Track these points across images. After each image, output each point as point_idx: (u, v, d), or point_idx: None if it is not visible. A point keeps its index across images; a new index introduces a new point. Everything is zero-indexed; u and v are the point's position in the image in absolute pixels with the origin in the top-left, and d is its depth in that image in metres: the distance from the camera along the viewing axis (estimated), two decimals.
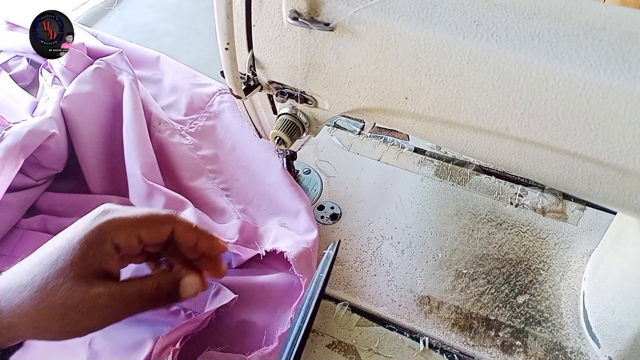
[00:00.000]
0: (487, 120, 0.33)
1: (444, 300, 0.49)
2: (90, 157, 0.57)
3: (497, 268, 0.51)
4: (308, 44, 0.36)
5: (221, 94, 0.67)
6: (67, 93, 0.57)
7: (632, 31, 0.29)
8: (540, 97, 0.30)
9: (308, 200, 0.55)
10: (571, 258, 0.52)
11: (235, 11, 0.36)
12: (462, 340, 0.46)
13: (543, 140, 0.32)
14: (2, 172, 0.49)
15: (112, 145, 0.58)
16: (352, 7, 0.33)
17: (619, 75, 0.28)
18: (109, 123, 0.58)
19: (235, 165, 0.60)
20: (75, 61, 0.60)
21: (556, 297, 0.49)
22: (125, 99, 0.58)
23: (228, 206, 0.56)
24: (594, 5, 0.31)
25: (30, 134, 0.52)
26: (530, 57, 0.30)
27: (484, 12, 0.31)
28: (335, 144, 0.64)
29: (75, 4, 0.85)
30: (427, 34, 0.32)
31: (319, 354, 0.46)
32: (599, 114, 0.29)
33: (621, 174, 0.31)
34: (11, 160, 0.50)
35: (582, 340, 0.46)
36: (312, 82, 0.39)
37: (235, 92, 0.40)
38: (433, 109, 0.35)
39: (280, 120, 0.44)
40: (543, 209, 0.56)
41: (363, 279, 0.51)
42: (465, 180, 0.59)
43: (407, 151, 0.63)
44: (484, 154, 0.36)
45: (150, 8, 0.86)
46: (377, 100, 0.37)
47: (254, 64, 0.41)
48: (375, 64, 0.35)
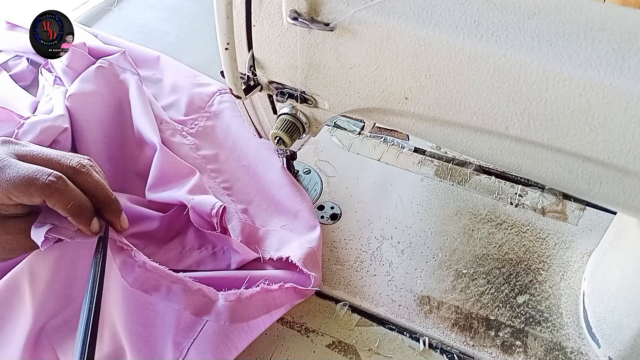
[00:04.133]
0: (487, 120, 0.33)
1: (444, 300, 0.49)
2: (92, 155, 0.56)
3: (497, 268, 0.51)
4: (308, 44, 0.36)
5: (221, 94, 0.67)
6: (70, 92, 0.57)
7: (632, 31, 0.29)
8: (540, 97, 0.30)
9: (309, 199, 0.55)
10: (571, 258, 0.52)
11: (235, 11, 0.36)
12: (462, 340, 0.46)
13: (543, 140, 0.32)
14: None
15: (114, 143, 0.58)
16: (352, 7, 0.33)
17: (619, 75, 0.28)
18: (111, 122, 0.59)
19: (236, 164, 0.60)
20: (77, 60, 0.60)
21: (556, 297, 0.49)
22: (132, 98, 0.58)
23: (229, 206, 0.56)
24: (594, 5, 0.31)
25: (47, 130, 0.53)
26: (530, 57, 0.30)
27: (484, 12, 0.31)
28: (335, 144, 0.64)
29: (75, 4, 0.85)
30: (427, 34, 0.32)
31: (319, 354, 0.46)
32: (599, 114, 0.29)
33: (621, 174, 0.31)
34: None
35: (582, 340, 0.46)
36: (312, 82, 0.39)
37: (235, 92, 0.40)
38: (433, 109, 0.35)
39: (280, 120, 0.44)
40: (543, 209, 0.56)
41: (363, 279, 0.51)
42: (465, 180, 0.59)
43: (407, 151, 0.63)
44: (484, 154, 0.36)
45: (150, 8, 0.86)
46: (377, 100, 0.37)
47: (254, 64, 0.41)
48: (375, 64, 0.35)
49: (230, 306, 0.43)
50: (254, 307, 0.43)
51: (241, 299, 0.43)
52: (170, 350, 0.42)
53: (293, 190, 0.55)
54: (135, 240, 0.51)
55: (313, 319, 0.48)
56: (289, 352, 0.46)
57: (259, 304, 0.44)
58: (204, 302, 0.43)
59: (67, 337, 0.42)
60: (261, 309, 0.44)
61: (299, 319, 0.48)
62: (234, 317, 0.43)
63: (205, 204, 0.48)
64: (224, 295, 0.43)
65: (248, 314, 0.43)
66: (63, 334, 0.42)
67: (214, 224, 0.48)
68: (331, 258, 0.53)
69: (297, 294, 0.46)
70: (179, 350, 0.42)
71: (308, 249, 0.48)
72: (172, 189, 0.52)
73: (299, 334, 0.47)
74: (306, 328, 0.48)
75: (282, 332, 0.47)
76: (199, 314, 0.42)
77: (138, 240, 0.51)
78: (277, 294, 0.45)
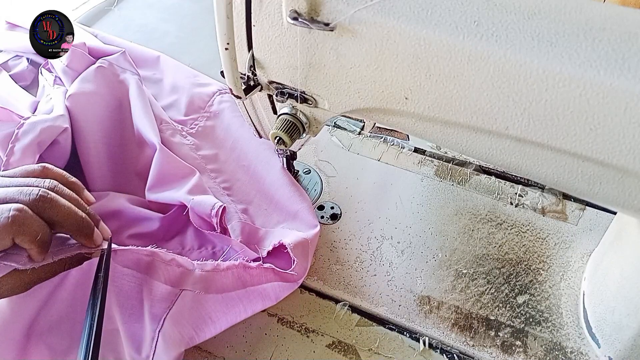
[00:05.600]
0: (487, 120, 0.33)
1: (444, 300, 0.49)
2: (92, 155, 0.57)
3: (497, 268, 0.51)
4: (308, 44, 0.36)
5: (221, 94, 0.67)
6: (70, 92, 0.57)
7: (632, 31, 0.29)
8: (540, 97, 0.30)
9: (309, 199, 0.55)
10: (571, 258, 0.52)
11: (235, 11, 0.36)
12: (462, 340, 0.46)
13: (543, 140, 0.32)
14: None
15: (114, 143, 0.58)
16: (352, 7, 0.33)
17: (619, 75, 0.28)
18: (111, 122, 0.59)
19: (236, 165, 0.60)
20: (77, 60, 0.60)
21: (556, 297, 0.49)
22: (132, 98, 0.58)
23: (229, 206, 0.56)
24: (594, 5, 0.31)
25: (47, 130, 0.53)
26: (530, 57, 0.30)
27: (484, 12, 0.31)
28: (335, 144, 0.64)
29: (75, 4, 0.85)
30: (427, 34, 0.32)
31: (319, 354, 0.46)
32: (599, 114, 0.29)
33: (621, 174, 0.31)
34: (29, 156, 0.51)
35: (582, 340, 0.46)
36: (312, 82, 0.39)
37: (235, 92, 0.40)
38: (433, 109, 0.35)
39: (280, 120, 0.44)
40: (543, 209, 0.56)
41: (363, 279, 0.51)
42: (465, 180, 0.59)
43: (407, 151, 0.63)
44: (484, 154, 0.36)
45: (150, 8, 0.86)
46: (377, 100, 0.37)
47: (254, 64, 0.41)
48: (375, 64, 0.35)
49: (206, 276, 0.43)
50: (229, 280, 0.44)
51: (217, 270, 0.44)
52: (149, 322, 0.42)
53: (293, 190, 0.55)
54: (135, 240, 0.51)
55: (313, 319, 0.48)
56: (289, 352, 0.46)
57: (235, 277, 0.44)
58: (178, 273, 0.43)
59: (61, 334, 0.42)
60: (237, 282, 0.45)
61: (299, 319, 0.48)
62: (209, 288, 0.43)
63: (205, 204, 0.48)
64: (200, 265, 0.44)
65: (223, 285, 0.44)
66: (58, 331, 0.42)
67: (214, 225, 0.48)
68: (331, 258, 0.53)
69: (276, 275, 0.46)
70: (156, 322, 0.42)
71: (301, 238, 0.49)
72: (171, 190, 0.52)
73: (299, 334, 0.47)
74: (306, 328, 0.48)
75: (282, 332, 0.47)
76: (175, 285, 0.43)
77: (138, 240, 0.51)
78: (255, 272, 0.45)
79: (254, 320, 0.47)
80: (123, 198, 0.54)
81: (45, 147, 0.53)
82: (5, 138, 0.52)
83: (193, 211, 0.49)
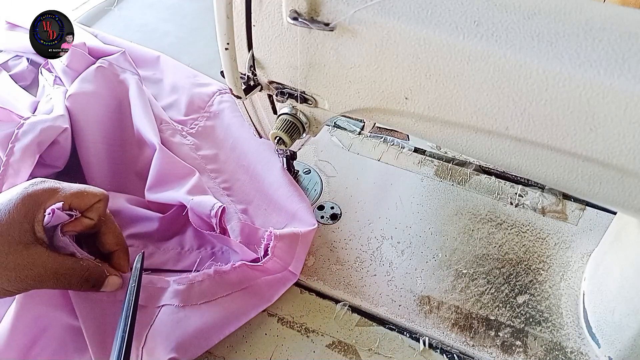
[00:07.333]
0: (487, 120, 0.33)
1: (444, 300, 0.49)
2: (92, 155, 0.57)
3: (497, 268, 0.51)
4: (308, 44, 0.36)
5: (221, 94, 0.67)
6: (70, 92, 0.57)
7: (632, 31, 0.29)
8: (540, 97, 0.30)
9: (307, 200, 0.55)
10: (571, 258, 0.52)
11: (235, 11, 0.36)
12: (462, 340, 0.46)
13: (543, 140, 0.32)
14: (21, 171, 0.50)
15: (114, 143, 0.58)
16: (352, 7, 0.33)
17: (619, 75, 0.28)
18: (111, 122, 0.59)
19: (236, 165, 0.60)
20: (77, 60, 0.60)
21: (556, 297, 0.49)
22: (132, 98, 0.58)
23: (229, 206, 0.56)
24: (594, 5, 0.31)
25: (47, 130, 0.53)
26: (530, 57, 0.30)
27: (484, 12, 0.31)
28: (335, 144, 0.64)
29: (75, 4, 0.85)
30: (427, 34, 0.32)
31: (319, 354, 0.46)
32: (599, 114, 0.29)
33: (621, 174, 0.31)
34: (29, 156, 0.51)
35: (582, 340, 0.46)
36: (312, 82, 0.39)
37: (235, 92, 0.40)
38: (433, 109, 0.35)
39: (280, 120, 0.44)
40: (543, 209, 0.56)
41: (363, 279, 0.51)
42: (465, 180, 0.59)
43: (407, 151, 0.63)
44: (484, 154, 0.36)
45: (150, 8, 0.86)
46: (377, 100, 0.37)
47: (254, 64, 0.41)
48: (375, 64, 0.35)
49: (182, 290, 0.45)
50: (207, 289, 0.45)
51: (193, 282, 0.45)
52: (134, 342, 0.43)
53: (292, 190, 0.55)
54: (135, 240, 0.51)
55: (313, 319, 0.48)
56: (289, 352, 0.46)
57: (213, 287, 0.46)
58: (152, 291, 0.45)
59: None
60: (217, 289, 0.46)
61: (299, 319, 0.48)
62: (186, 300, 0.45)
63: (205, 204, 0.48)
64: (176, 281, 0.46)
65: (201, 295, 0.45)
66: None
67: (214, 225, 0.48)
68: (331, 258, 0.53)
69: (253, 270, 0.46)
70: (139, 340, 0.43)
71: (292, 232, 0.49)
72: (171, 190, 0.52)
73: (299, 334, 0.47)
74: (306, 328, 0.48)
75: (282, 332, 0.47)
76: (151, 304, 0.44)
77: (137, 240, 0.51)
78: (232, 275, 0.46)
79: (254, 320, 0.47)
80: (122, 198, 0.54)
81: (45, 147, 0.53)
82: (5, 138, 0.52)
83: (192, 211, 0.49)
